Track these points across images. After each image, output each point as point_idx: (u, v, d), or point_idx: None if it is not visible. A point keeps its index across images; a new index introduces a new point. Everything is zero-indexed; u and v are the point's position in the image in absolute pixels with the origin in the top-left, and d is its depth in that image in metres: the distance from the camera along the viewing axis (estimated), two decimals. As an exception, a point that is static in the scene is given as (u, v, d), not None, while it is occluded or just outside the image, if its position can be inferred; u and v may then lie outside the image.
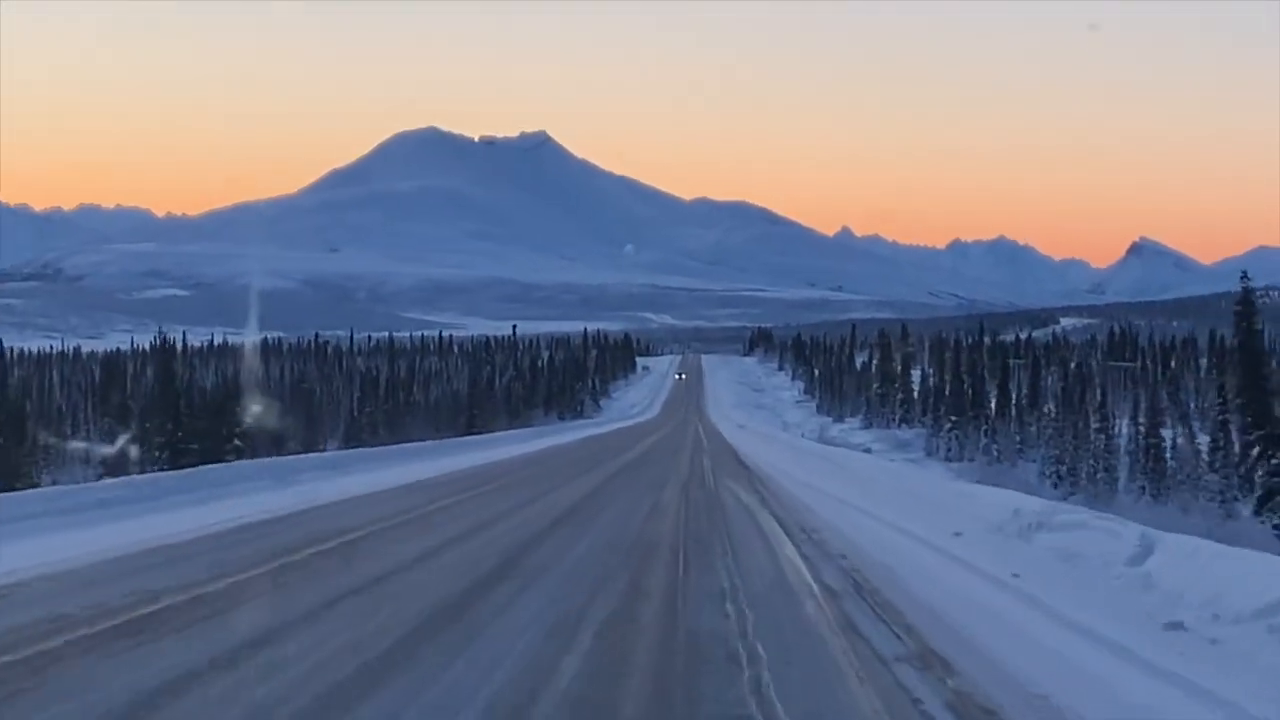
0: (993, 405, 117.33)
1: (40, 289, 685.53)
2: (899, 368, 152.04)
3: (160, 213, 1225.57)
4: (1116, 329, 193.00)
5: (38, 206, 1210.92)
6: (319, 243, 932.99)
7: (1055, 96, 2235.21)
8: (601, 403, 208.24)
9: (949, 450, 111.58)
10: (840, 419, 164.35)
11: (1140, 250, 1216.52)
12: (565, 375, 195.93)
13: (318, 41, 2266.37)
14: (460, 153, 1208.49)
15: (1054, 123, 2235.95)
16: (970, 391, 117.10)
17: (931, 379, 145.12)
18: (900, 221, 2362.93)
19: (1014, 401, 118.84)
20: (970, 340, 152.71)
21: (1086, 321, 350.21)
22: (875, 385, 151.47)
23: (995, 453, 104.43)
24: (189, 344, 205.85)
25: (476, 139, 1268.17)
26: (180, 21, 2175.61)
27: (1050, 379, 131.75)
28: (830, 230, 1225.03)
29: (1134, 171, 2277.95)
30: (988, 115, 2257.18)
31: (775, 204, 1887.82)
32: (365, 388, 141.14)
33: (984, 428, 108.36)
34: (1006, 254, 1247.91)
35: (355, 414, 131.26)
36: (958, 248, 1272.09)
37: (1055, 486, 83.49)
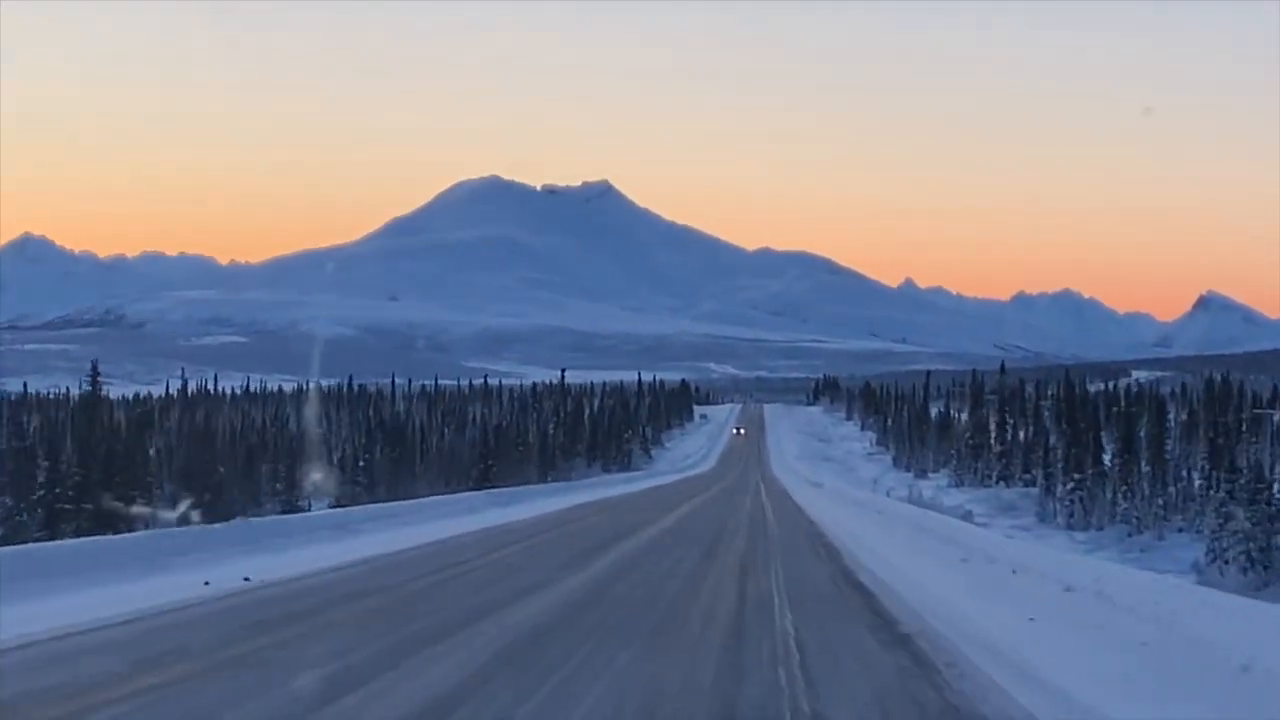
0: (1109, 462, 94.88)
1: (101, 335, 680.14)
2: (992, 419, 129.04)
3: (224, 260, 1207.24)
4: (1216, 377, 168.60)
5: (102, 254, 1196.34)
6: (379, 291, 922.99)
7: (1122, 148, 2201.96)
8: (653, 452, 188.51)
9: (1070, 516, 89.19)
10: (923, 474, 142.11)
11: (1207, 304, 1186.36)
12: (612, 423, 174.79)
13: (381, 89, 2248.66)
14: (521, 201, 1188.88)
15: (1120, 174, 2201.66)
16: (1092, 445, 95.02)
17: (1026, 431, 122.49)
18: (964, 273, 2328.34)
19: (1140, 457, 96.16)
20: (1057, 391, 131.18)
21: (1159, 374, 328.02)
22: (967, 436, 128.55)
23: (1135, 520, 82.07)
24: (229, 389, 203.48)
25: (538, 188, 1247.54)
26: (244, 69, 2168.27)
27: (1171, 432, 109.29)
28: (893, 281, 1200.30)
29: (1201, 224, 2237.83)
30: (1053, 166, 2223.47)
31: (838, 254, 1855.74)
32: (370, 434, 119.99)
33: (1119, 488, 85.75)
34: (1072, 307, 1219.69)
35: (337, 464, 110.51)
36: (1022, 300, 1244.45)
37: (1245, 572, 60.91)
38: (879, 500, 58.37)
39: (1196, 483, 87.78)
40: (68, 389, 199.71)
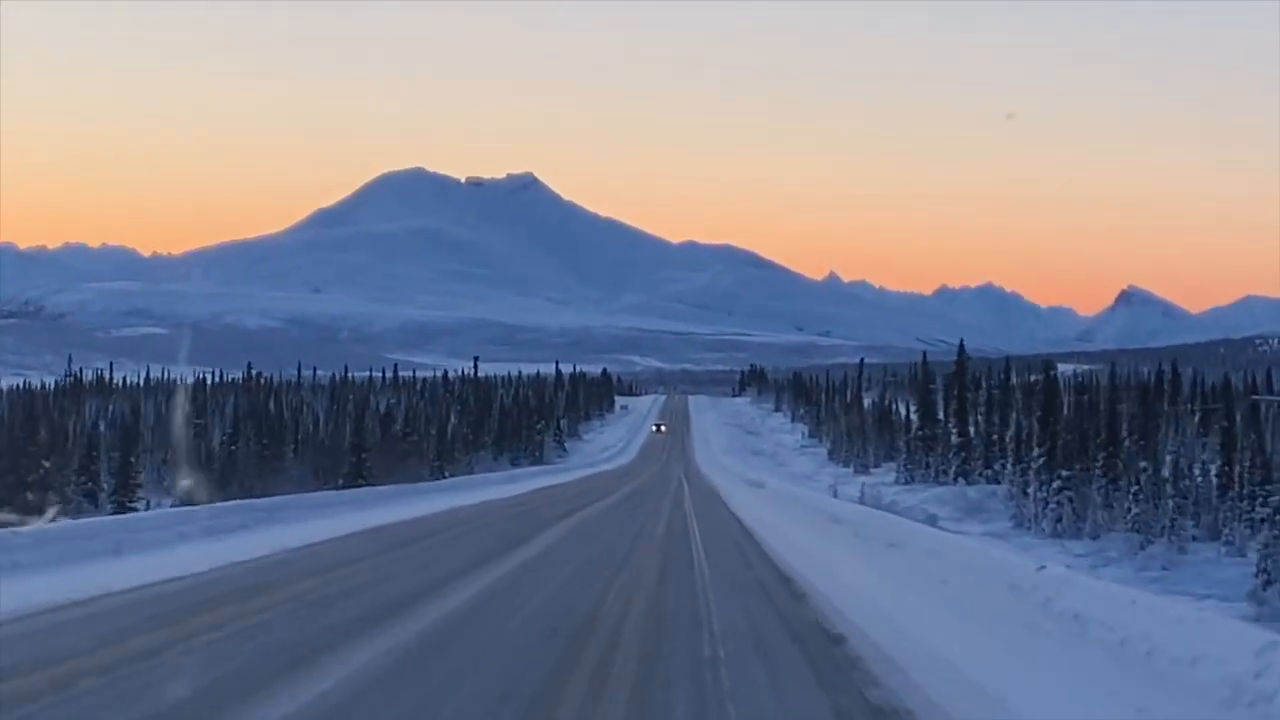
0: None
1: (18, 326, 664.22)
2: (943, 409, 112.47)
3: (146, 252, 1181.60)
4: (1148, 370, 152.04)
5: (21, 245, 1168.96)
6: (303, 283, 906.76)
7: (1043, 144, 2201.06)
8: (569, 445, 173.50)
9: (1057, 521, 72.98)
10: (864, 469, 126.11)
11: (1129, 298, 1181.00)
12: (523, 414, 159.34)
13: (304, 81, 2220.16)
14: (446, 193, 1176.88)
15: (1042, 170, 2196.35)
16: (1104, 435, 78.79)
17: (986, 423, 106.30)
18: (888, 267, 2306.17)
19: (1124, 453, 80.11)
20: (999, 379, 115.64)
21: (1085, 367, 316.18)
22: (916, 428, 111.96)
23: (1142, 528, 65.87)
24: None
25: (463, 180, 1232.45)
26: (165, 61, 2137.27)
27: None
28: (818, 275, 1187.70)
29: (1123, 220, 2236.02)
30: (975, 162, 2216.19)
31: (763, 248, 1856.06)
32: (236, 425, 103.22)
33: (1130, 488, 69.10)
34: (994, 301, 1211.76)
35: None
36: (945, 294, 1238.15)
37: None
38: (846, 509, 41.84)
39: (1213, 482, 72.06)
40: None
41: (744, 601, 18.82)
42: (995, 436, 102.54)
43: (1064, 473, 74.43)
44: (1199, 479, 73.72)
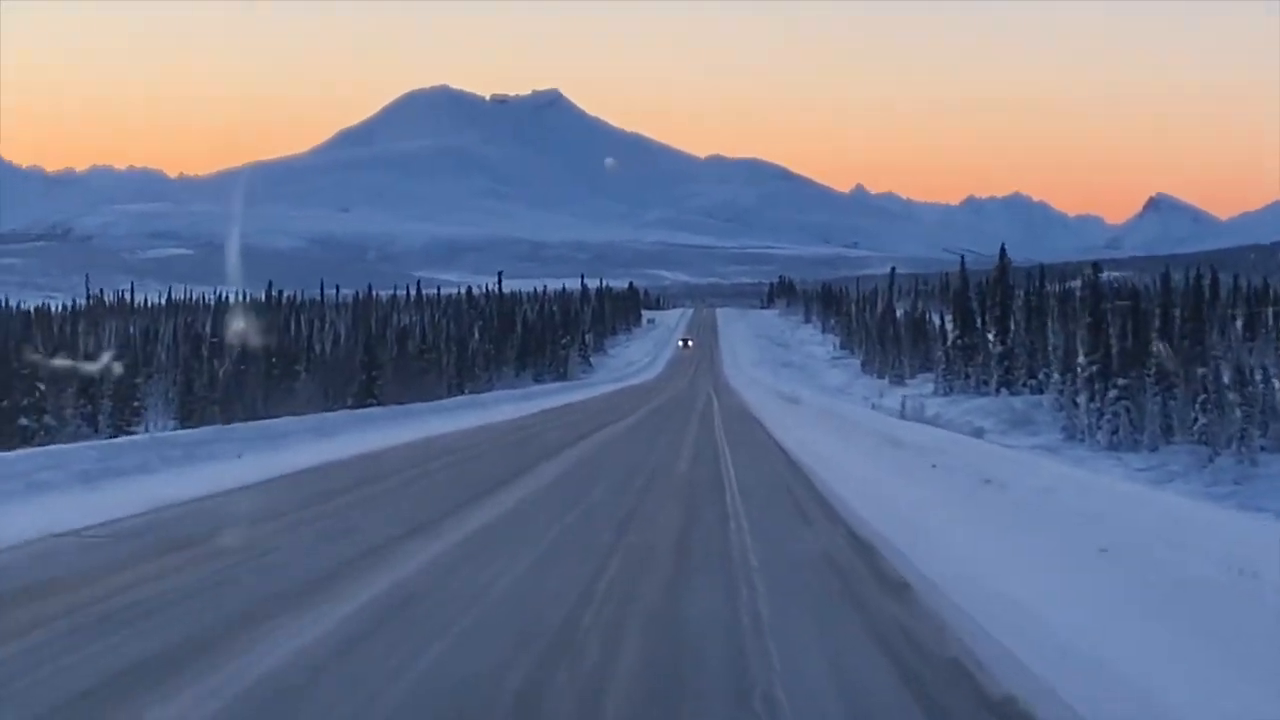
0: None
1: (46, 249, 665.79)
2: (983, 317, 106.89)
3: (173, 174, 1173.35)
4: (1208, 274, 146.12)
5: (49, 168, 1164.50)
6: (329, 202, 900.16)
7: (1071, 50, 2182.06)
8: (594, 360, 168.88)
9: (1113, 434, 68.13)
10: (899, 380, 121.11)
11: (1157, 205, 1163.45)
12: (546, 329, 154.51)
13: (327, 1, 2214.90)
14: (471, 111, 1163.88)
15: (1070, 77, 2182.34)
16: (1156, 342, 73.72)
17: (1027, 331, 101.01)
18: (915, 178, 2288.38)
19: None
20: (1035, 287, 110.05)
21: (1117, 275, 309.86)
22: (954, 338, 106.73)
23: (1229, 440, 60.83)
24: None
25: (487, 97, 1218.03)
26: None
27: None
28: (845, 187, 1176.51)
29: (1151, 127, 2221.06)
30: (1003, 69, 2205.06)
31: (789, 160, 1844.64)
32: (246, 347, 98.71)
33: (1197, 396, 64.06)
34: (1022, 210, 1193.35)
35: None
36: (973, 204, 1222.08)
37: None
38: (906, 430, 35.71)
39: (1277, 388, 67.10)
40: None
41: (815, 606, 11.80)
42: (1038, 345, 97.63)
43: (1120, 381, 69.55)
44: (1261, 386, 68.76)
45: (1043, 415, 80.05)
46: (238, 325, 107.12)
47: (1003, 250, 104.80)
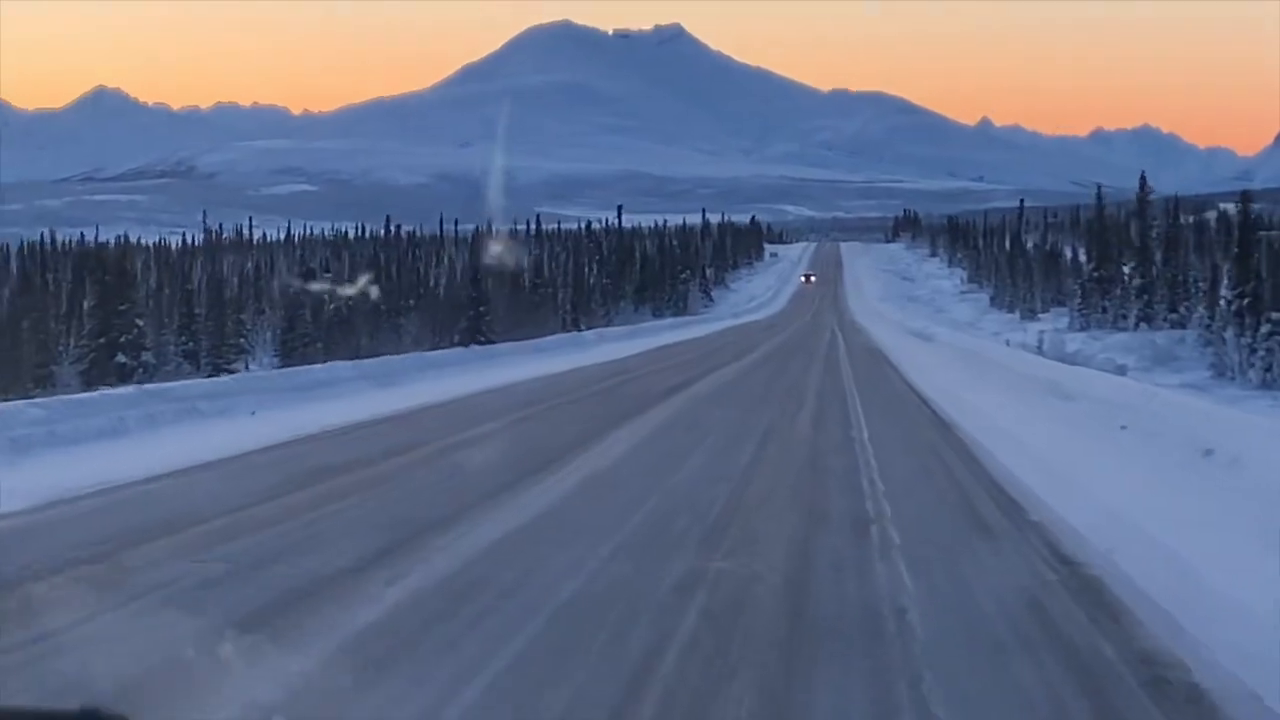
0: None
1: (170, 185, 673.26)
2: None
3: (296, 110, 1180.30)
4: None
5: (175, 106, 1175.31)
6: (451, 138, 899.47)
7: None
8: (715, 294, 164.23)
9: (1267, 370, 63.31)
10: (1030, 315, 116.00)
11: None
12: (665, 263, 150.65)
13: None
14: (594, 46, 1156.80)
15: (1201, 4, 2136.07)
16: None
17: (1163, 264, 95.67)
18: (1041, 110, 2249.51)
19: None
20: (1170, 220, 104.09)
21: (1255, 206, 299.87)
22: (1090, 270, 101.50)
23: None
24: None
25: (610, 32, 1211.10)
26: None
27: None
28: (970, 120, 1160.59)
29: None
30: None
31: (913, 94, 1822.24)
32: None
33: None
34: (1151, 142, 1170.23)
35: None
36: (1100, 136, 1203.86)
37: None
38: (1070, 375, 29.95)
39: None
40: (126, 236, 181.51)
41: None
42: (1178, 278, 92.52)
43: (1273, 315, 64.57)
44: None
45: (1186, 351, 75.02)
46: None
47: (1143, 179, 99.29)
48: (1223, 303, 72.33)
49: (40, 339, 73.85)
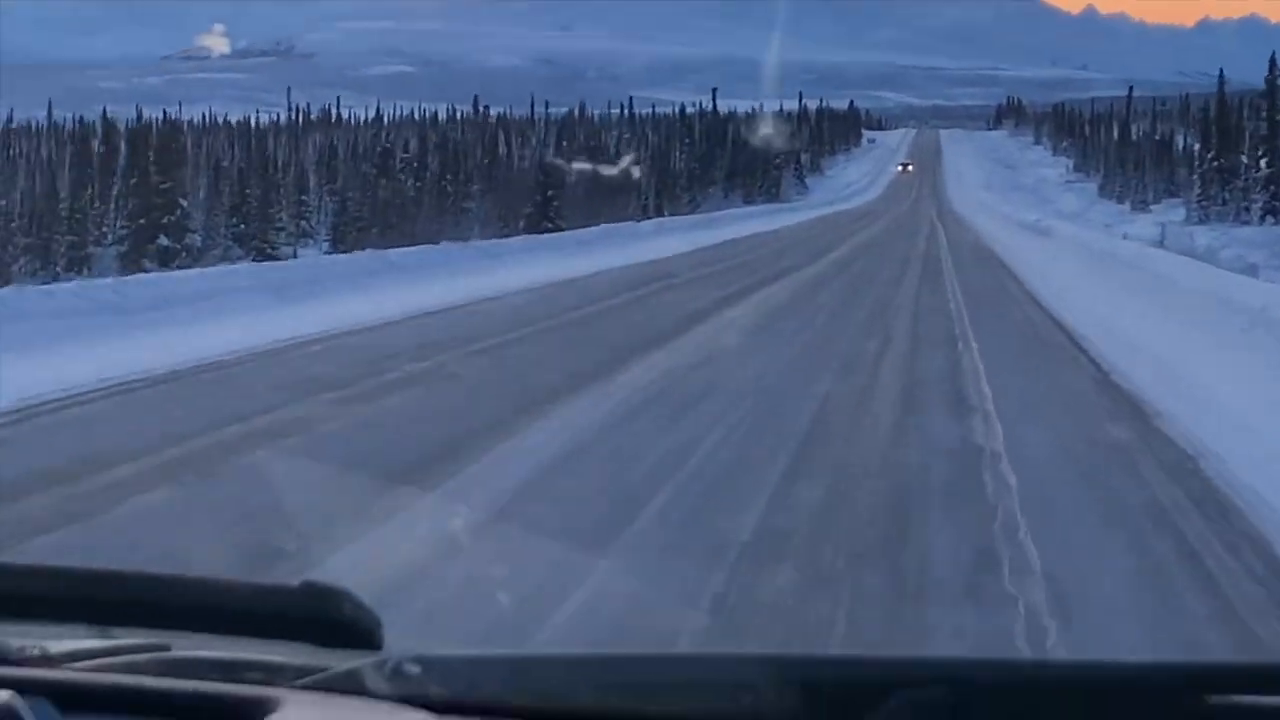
0: None
1: (270, 65, 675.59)
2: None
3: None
4: None
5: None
6: (551, 21, 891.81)
7: None
8: (810, 181, 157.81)
9: None
10: (1142, 206, 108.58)
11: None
12: (755, 150, 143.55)
13: None
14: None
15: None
16: None
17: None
18: None
19: None
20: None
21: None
22: (1210, 159, 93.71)
23: None
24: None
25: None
26: None
27: None
28: (1075, 8, 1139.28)
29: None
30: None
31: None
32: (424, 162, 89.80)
33: None
34: (1258, 32, 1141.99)
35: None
36: (1206, 26, 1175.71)
37: None
38: (1244, 286, 22.94)
39: None
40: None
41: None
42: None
43: None
44: None
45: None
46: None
47: (1273, 61, 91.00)
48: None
49: (78, 219, 68.64)
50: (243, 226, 74.05)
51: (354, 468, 10.62)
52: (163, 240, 66.00)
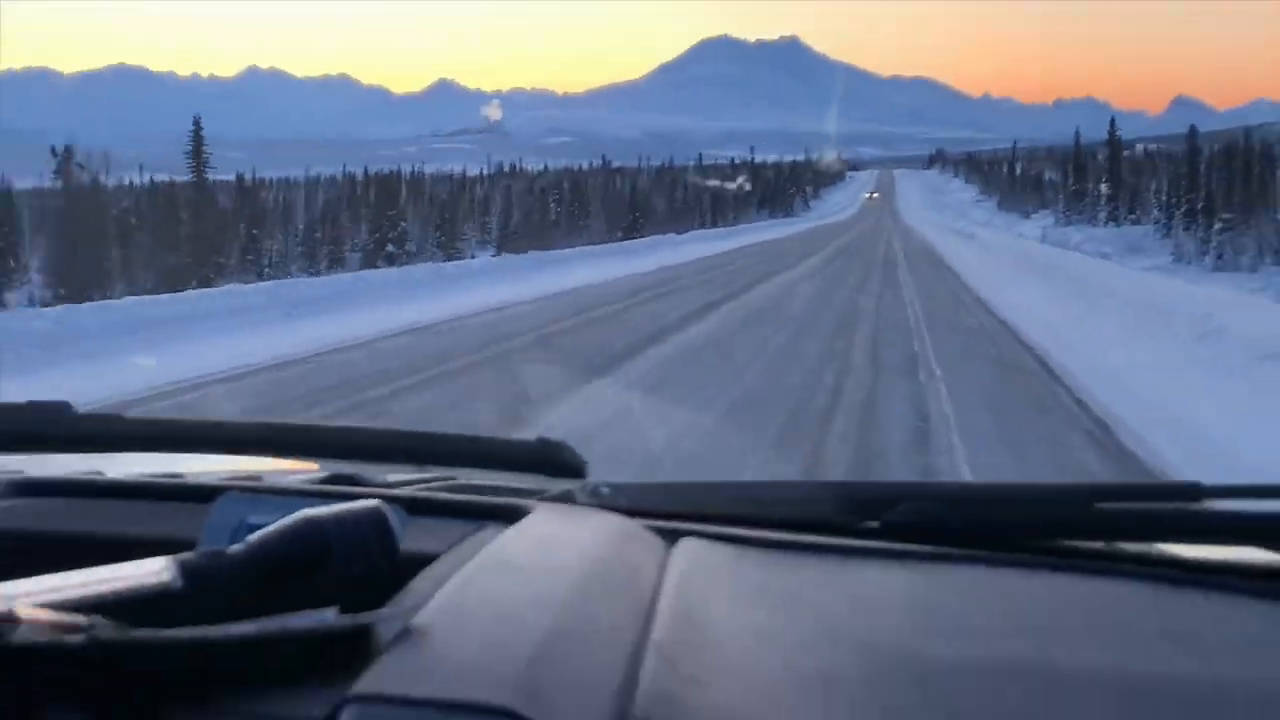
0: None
1: (483, 139, 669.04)
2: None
3: (560, 91, 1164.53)
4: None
5: (486, 88, 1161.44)
6: (658, 108, 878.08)
7: None
8: (811, 204, 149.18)
9: (1219, 257, 49.56)
10: (1025, 215, 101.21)
11: (1179, 102, 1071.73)
12: (779, 181, 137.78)
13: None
14: (738, 49, 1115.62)
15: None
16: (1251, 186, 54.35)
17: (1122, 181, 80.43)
18: (1024, 84, 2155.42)
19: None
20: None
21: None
22: (1070, 184, 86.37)
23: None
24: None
25: (752, 40, 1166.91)
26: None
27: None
28: (977, 93, 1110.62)
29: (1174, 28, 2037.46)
30: None
31: (954, 80, 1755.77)
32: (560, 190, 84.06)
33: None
34: (1094, 107, 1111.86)
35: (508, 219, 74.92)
36: (1060, 104, 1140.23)
37: None
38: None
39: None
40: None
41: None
42: (1139, 189, 77.93)
43: (1225, 215, 50.60)
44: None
45: (1151, 243, 61.06)
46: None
47: (1112, 122, 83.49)
48: (1176, 207, 58.32)
49: (336, 234, 64.32)
50: (442, 238, 69.07)
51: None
52: (389, 248, 61.14)
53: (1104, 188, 77.03)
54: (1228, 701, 0.69)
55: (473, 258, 60.58)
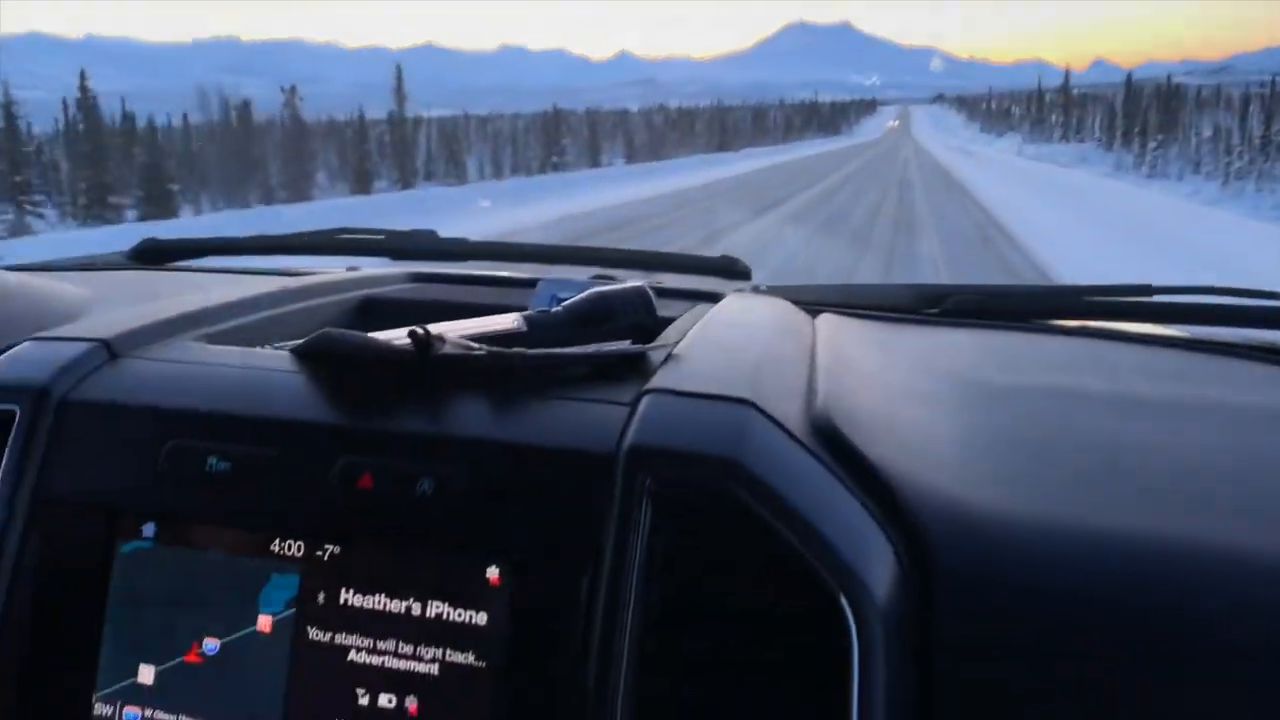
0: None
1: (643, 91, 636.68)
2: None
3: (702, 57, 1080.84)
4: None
5: (597, 56, 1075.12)
6: (748, 82, 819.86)
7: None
8: (850, 129, 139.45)
9: (1153, 166, 44.20)
10: (1000, 135, 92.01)
11: (1099, 65, 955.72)
12: (833, 111, 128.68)
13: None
14: (817, 31, 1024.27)
15: None
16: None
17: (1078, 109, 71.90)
18: (993, 45, 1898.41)
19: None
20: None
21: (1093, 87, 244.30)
22: (1034, 115, 78.00)
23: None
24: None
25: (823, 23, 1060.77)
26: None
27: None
28: (964, 56, 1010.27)
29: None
30: None
31: (959, 50, 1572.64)
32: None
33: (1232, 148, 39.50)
34: (1045, 69, 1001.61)
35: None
36: (1024, 65, 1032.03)
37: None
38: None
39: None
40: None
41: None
42: (1086, 115, 69.93)
43: (1158, 137, 44.97)
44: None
45: (1095, 155, 54.84)
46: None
47: (1067, 75, 73.91)
48: (1112, 131, 52.00)
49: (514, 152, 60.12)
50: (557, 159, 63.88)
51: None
52: (555, 159, 56.45)
53: (1061, 117, 69.26)
54: (1184, 413, 0.68)
55: (610, 165, 56.05)
